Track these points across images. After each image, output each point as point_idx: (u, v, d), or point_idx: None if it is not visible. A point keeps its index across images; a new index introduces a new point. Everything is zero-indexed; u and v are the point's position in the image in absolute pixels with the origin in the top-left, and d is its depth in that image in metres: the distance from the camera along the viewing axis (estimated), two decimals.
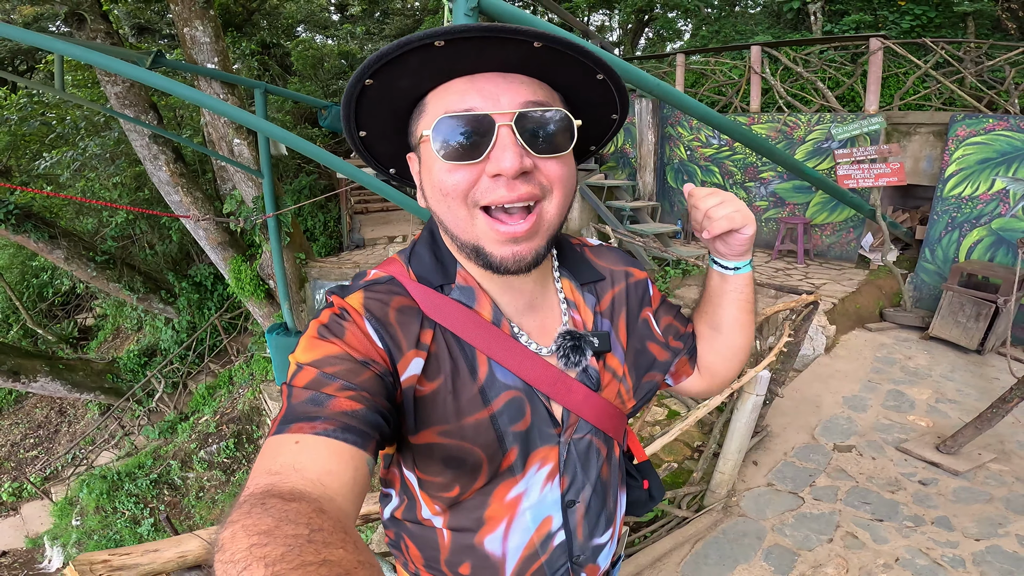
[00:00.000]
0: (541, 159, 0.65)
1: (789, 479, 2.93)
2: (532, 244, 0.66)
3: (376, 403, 0.61)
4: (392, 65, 0.62)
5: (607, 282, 0.85)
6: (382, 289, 0.71)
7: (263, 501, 0.46)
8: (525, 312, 0.76)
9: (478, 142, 0.63)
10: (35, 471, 10.16)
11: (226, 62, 7.04)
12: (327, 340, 0.64)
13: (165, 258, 10.38)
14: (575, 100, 0.72)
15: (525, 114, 0.63)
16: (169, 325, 10.29)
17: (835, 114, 6.92)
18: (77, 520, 7.82)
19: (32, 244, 8.72)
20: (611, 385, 0.80)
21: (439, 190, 0.66)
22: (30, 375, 9.03)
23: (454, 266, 0.74)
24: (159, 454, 8.32)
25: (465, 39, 0.59)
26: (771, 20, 10.44)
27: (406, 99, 0.69)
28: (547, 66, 0.65)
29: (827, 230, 6.99)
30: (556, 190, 0.67)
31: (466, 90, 0.64)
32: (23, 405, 12.23)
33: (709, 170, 7.96)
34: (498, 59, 0.63)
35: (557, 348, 0.75)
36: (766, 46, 7.99)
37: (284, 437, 0.56)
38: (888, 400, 3.83)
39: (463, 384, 0.70)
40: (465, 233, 0.67)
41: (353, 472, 0.55)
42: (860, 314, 5.38)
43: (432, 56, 0.62)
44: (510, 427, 0.71)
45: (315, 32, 20.56)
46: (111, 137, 9.08)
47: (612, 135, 0.80)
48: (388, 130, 0.73)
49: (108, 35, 7.36)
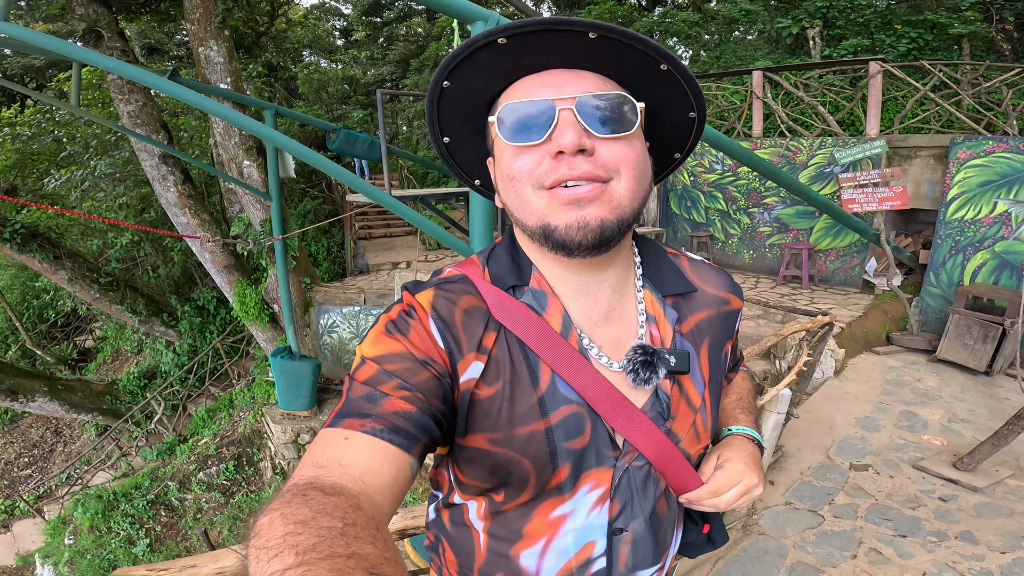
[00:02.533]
0: (603, 140, 0.65)
1: (807, 497, 2.98)
2: (597, 210, 0.64)
3: (430, 405, 0.62)
4: (464, 65, 0.66)
5: (698, 300, 0.81)
6: (453, 288, 0.72)
7: (304, 492, 0.49)
8: (599, 323, 0.74)
9: (541, 125, 0.64)
10: (28, 489, 10.15)
11: (238, 82, 7.26)
12: (392, 336, 0.66)
13: (168, 281, 10.49)
14: (648, 100, 0.70)
15: (586, 98, 0.65)
16: (170, 348, 10.34)
17: (837, 138, 7.10)
18: (70, 539, 7.81)
19: (36, 264, 8.82)
20: (684, 414, 0.75)
21: (507, 176, 0.68)
22: (28, 395, 9.09)
23: (529, 268, 0.74)
24: (157, 475, 8.33)
25: (524, 34, 0.63)
26: (770, 46, 10.77)
27: (481, 99, 0.72)
28: (610, 60, 0.67)
29: (831, 255, 7.12)
30: (624, 172, 0.65)
31: (533, 85, 0.67)
32: (18, 424, 12.23)
33: (712, 196, 8.12)
34: (560, 54, 0.66)
35: (627, 362, 0.72)
36: (767, 71, 8.22)
37: (335, 431, 0.59)
38: (901, 420, 3.91)
39: (522, 392, 0.68)
40: (532, 216, 0.67)
41: (395, 473, 0.57)
42: (867, 338, 5.48)
43: (498, 54, 0.65)
44: (565, 443, 0.68)
45: (321, 56, 21.09)
46: (120, 157, 9.28)
47: (696, 137, 0.77)
48: (468, 134, 0.76)
49: (124, 53, 7.58)
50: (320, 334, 8.34)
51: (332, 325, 8.20)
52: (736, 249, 8.04)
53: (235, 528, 7.53)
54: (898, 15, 9.49)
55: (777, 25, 10.11)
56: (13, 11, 14.67)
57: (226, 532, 7.50)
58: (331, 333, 8.26)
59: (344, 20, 22.29)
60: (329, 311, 8.17)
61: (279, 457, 8.00)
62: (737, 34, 11.66)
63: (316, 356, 8.17)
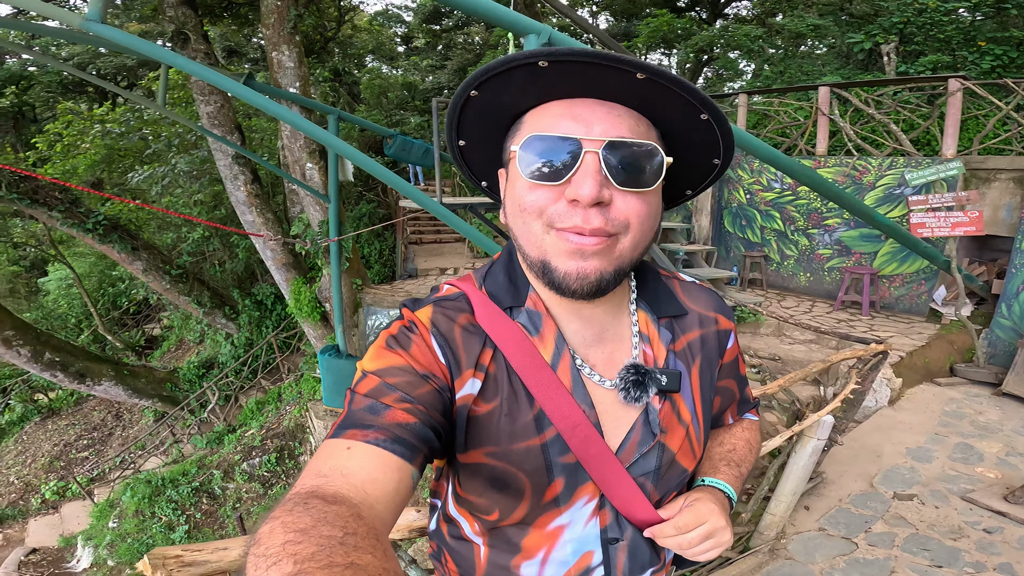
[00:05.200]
0: (622, 192, 0.66)
1: (843, 524, 3.02)
2: (598, 264, 0.67)
3: (431, 417, 0.65)
4: (497, 79, 0.66)
5: (690, 321, 0.84)
6: (451, 305, 0.75)
7: (306, 501, 0.51)
8: (593, 343, 0.77)
9: (563, 165, 0.65)
10: (83, 472, 10.87)
11: (306, 87, 7.83)
12: (393, 351, 0.69)
13: (232, 275, 11.31)
14: (674, 139, 0.72)
15: (614, 143, 0.65)
16: (229, 340, 11.11)
17: (909, 158, 6.93)
18: (114, 522, 8.26)
19: (115, 254, 9.74)
20: (675, 430, 0.78)
21: (518, 206, 0.69)
22: (96, 378, 9.89)
23: (526, 288, 0.77)
24: (204, 463, 8.83)
25: (569, 62, 0.62)
26: (840, 61, 10.57)
27: (506, 114, 0.73)
28: (648, 99, 0.67)
29: (896, 281, 6.93)
30: (632, 227, 0.67)
31: (562, 114, 0.67)
32: (82, 407, 13.15)
33: (769, 215, 8.06)
34: (599, 86, 0.66)
35: (620, 380, 0.75)
36: (835, 87, 8.11)
37: (338, 442, 0.61)
38: (955, 452, 3.86)
39: (519, 409, 0.72)
40: (536, 249, 0.69)
41: (396, 483, 0.59)
42: (929, 368, 5.34)
43: (535, 75, 0.65)
44: (559, 458, 0.72)
45: (383, 62, 22.11)
46: (199, 156, 10.14)
47: (712, 181, 0.79)
48: (485, 142, 0.77)
49: (207, 55, 8.30)
50: (367, 334, 8.78)
51: (379, 326, 8.63)
52: (792, 271, 7.94)
53: None
54: (982, 31, 9.16)
55: (848, 40, 9.93)
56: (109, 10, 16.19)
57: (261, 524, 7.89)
58: (377, 334, 8.69)
59: (406, 27, 23.30)
60: (377, 312, 8.60)
61: None
62: (804, 48, 11.49)
63: (361, 356, 8.60)
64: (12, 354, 8.92)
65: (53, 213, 8.93)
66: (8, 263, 13.79)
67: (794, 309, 7.08)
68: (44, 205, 8.82)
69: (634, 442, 0.75)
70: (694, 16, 14.30)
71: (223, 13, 11.05)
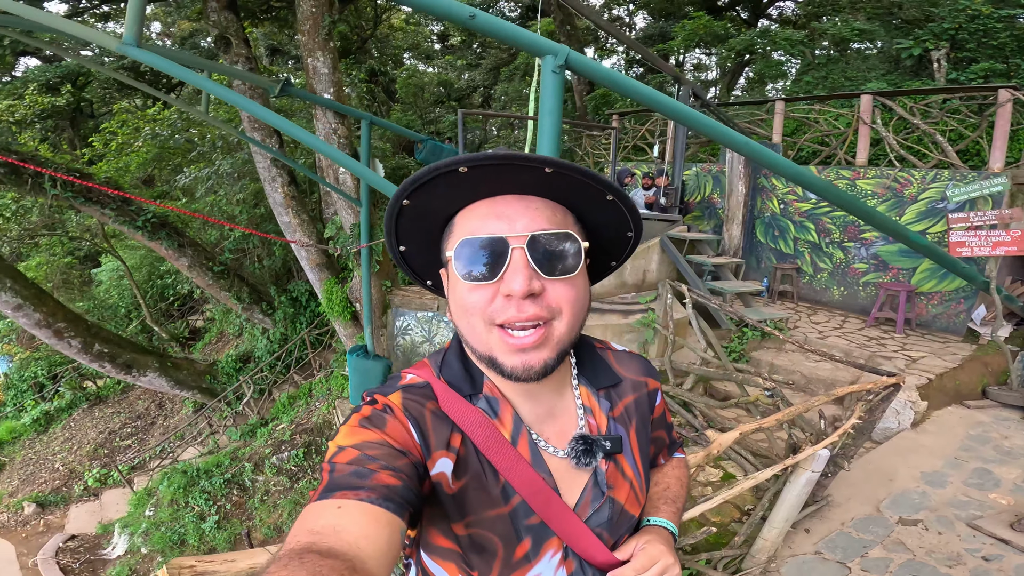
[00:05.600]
0: (551, 281, 0.75)
1: (840, 549, 3.06)
2: (540, 355, 0.75)
3: (412, 485, 0.70)
4: (425, 187, 0.74)
5: (624, 388, 0.95)
6: (418, 392, 0.81)
7: (301, 556, 0.53)
8: (545, 419, 0.87)
9: (494, 264, 0.73)
10: (125, 460, 11.35)
11: (340, 92, 8.11)
12: (368, 429, 0.73)
13: (270, 272, 11.83)
14: (590, 220, 0.83)
15: (537, 238, 0.74)
16: (265, 335, 11.61)
17: (954, 171, 6.74)
18: (150, 511, 8.59)
19: (162, 250, 10.34)
20: (621, 485, 0.89)
21: (461, 307, 0.77)
22: (141, 369, 10.42)
23: (481, 377, 0.85)
24: (237, 455, 9.16)
25: (485, 166, 0.71)
26: (888, 66, 10.27)
27: (438, 218, 0.81)
28: (561, 189, 0.76)
29: (934, 299, 6.77)
30: (565, 311, 0.76)
31: (487, 214, 0.76)
32: (128, 395, 13.81)
33: (804, 226, 7.96)
34: (516, 182, 0.75)
35: (570, 451, 0.85)
36: (879, 94, 7.94)
37: (327, 502, 0.63)
38: (972, 478, 3.82)
39: (487, 483, 0.80)
40: (482, 346, 0.77)
41: (388, 538, 0.62)
42: (959, 390, 5.24)
43: (458, 180, 0.73)
44: (524, 521, 0.81)
45: (419, 61, 22.52)
46: (241, 157, 10.65)
47: (630, 252, 0.91)
48: (424, 246, 0.86)
49: (248, 59, 8.69)
50: (395, 335, 9.08)
51: (406, 327, 8.91)
52: (825, 284, 7.83)
53: (294, 512, 8.03)
54: None
55: (897, 46, 9.65)
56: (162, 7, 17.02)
57: (286, 515, 8.07)
58: (404, 335, 8.97)
59: (441, 26, 23.62)
60: (405, 314, 8.88)
61: None
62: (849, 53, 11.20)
63: (389, 356, 8.90)
64: (63, 344, 9.48)
65: (105, 210, 9.54)
66: (63, 255, 14.70)
67: (824, 325, 7.00)
68: (97, 203, 9.44)
69: (588, 499, 0.86)
70: (734, 16, 14.07)
71: (264, 16, 11.53)
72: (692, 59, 17.92)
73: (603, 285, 7.02)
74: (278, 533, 7.58)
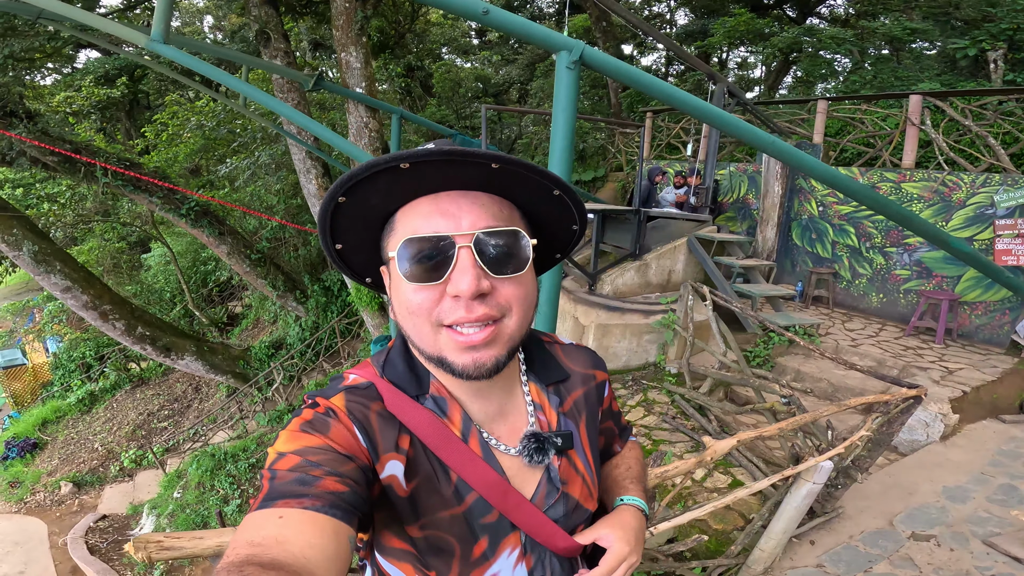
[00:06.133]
0: (499, 280, 0.73)
1: (843, 563, 2.97)
2: (491, 352, 0.73)
3: (359, 490, 0.67)
4: (363, 184, 0.70)
5: (572, 382, 0.95)
6: (362, 394, 0.79)
7: (241, 569, 0.51)
8: (496, 418, 0.86)
9: (439, 263, 0.71)
10: (160, 442, 11.73)
11: (372, 86, 8.29)
12: (310, 434, 0.70)
13: (304, 261, 12.21)
14: (536, 214, 0.82)
15: (484, 236, 0.71)
16: (297, 323, 12.01)
17: (1005, 175, 6.41)
18: (179, 493, 8.80)
19: (204, 238, 10.82)
20: (574, 480, 0.89)
21: (406, 308, 0.74)
22: (180, 353, 10.93)
23: (427, 377, 0.83)
24: (263, 440, 9.45)
25: (428, 161, 0.68)
26: (942, 66, 9.80)
27: (377, 216, 0.77)
28: (506, 184, 0.74)
29: (978, 309, 6.45)
30: (515, 309, 0.75)
31: (430, 212, 0.73)
32: (167, 378, 14.37)
33: (843, 230, 7.70)
34: (460, 178, 0.72)
35: (522, 449, 0.84)
36: (929, 95, 7.61)
37: (267, 512, 0.60)
38: (996, 494, 3.66)
39: (440, 484, 0.79)
40: (430, 347, 0.75)
41: (336, 547, 0.59)
42: (996, 404, 5.00)
43: (398, 177, 0.70)
44: (479, 520, 0.80)
45: (457, 56, 22.72)
46: (279, 149, 11.04)
47: (574, 245, 0.90)
48: (362, 244, 0.81)
49: (286, 54, 9.00)
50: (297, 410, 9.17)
51: None
52: (863, 291, 7.56)
53: None
54: None
55: (951, 46, 9.20)
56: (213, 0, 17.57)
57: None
58: None
59: None
60: None
61: None
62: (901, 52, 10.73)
63: None
64: (108, 327, 10.02)
65: (153, 199, 10.06)
66: (115, 239, 15.49)
67: (859, 332, 6.77)
68: (145, 191, 9.95)
69: (542, 496, 0.86)
70: (780, 14, 13.66)
71: (303, 11, 11.87)
72: (736, 57, 17.50)
73: (626, 284, 6.97)
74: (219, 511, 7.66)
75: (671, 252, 7.18)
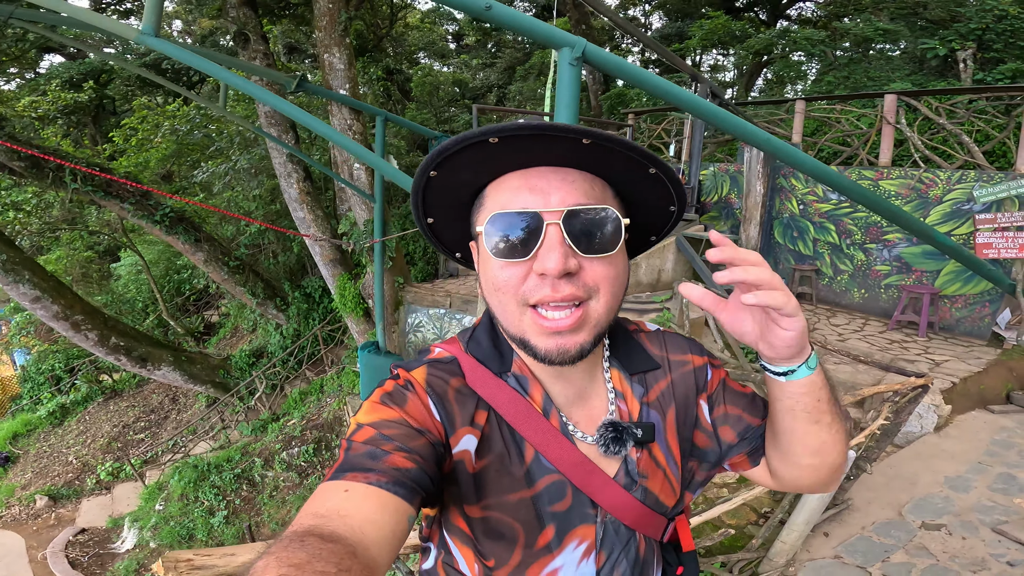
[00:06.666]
0: (588, 259, 0.71)
1: (860, 553, 2.99)
2: (576, 338, 0.71)
3: (426, 467, 0.67)
4: (453, 158, 0.70)
5: (661, 371, 0.89)
6: (444, 368, 0.79)
7: (303, 538, 0.52)
8: (575, 402, 0.83)
9: (527, 240, 0.69)
10: (138, 454, 11.35)
11: (355, 88, 8.15)
12: (388, 406, 0.72)
13: (284, 268, 11.94)
14: (629, 193, 0.78)
15: (574, 213, 0.69)
16: (278, 330, 11.71)
17: (980, 172, 6.61)
18: (160, 505, 8.58)
19: (180, 245, 10.49)
20: (654, 474, 0.83)
21: (492, 284, 0.74)
22: (156, 363, 10.53)
23: (511, 355, 0.82)
24: (247, 450, 9.17)
25: (517, 136, 0.67)
26: (912, 66, 10.11)
27: (467, 190, 0.78)
28: (599, 161, 0.71)
29: (959, 302, 6.63)
30: (603, 290, 0.72)
31: (519, 186, 0.72)
32: (143, 389, 13.91)
33: (824, 227, 7.84)
34: (551, 154, 0.70)
35: (599, 437, 0.80)
36: (904, 94, 7.82)
37: (336, 483, 0.62)
38: (996, 483, 3.75)
39: (511, 464, 0.77)
40: (514, 326, 0.74)
41: (394, 525, 0.60)
42: (984, 395, 5.13)
43: (488, 151, 0.69)
44: (549, 507, 0.77)
45: (434, 60, 22.63)
46: (257, 153, 10.78)
47: (671, 227, 0.85)
48: (453, 219, 0.82)
49: (265, 55, 8.78)
50: (406, 332, 9.10)
51: (418, 325, 8.93)
52: (845, 287, 7.70)
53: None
54: None
55: (921, 46, 9.49)
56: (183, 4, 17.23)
57: (294, 511, 7.97)
58: (416, 332, 8.99)
59: (456, 24, 23.73)
60: (417, 311, 8.90)
61: None
62: (872, 52, 11.04)
63: (400, 353, 8.91)
64: (80, 337, 9.62)
65: (125, 205, 9.70)
66: (83, 248, 14.95)
67: (844, 327, 6.88)
68: (116, 197, 9.60)
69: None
70: (752, 17, 13.95)
71: (282, 13, 11.66)
72: (709, 60, 17.79)
73: None
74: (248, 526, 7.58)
75: (660, 251, 7.22)
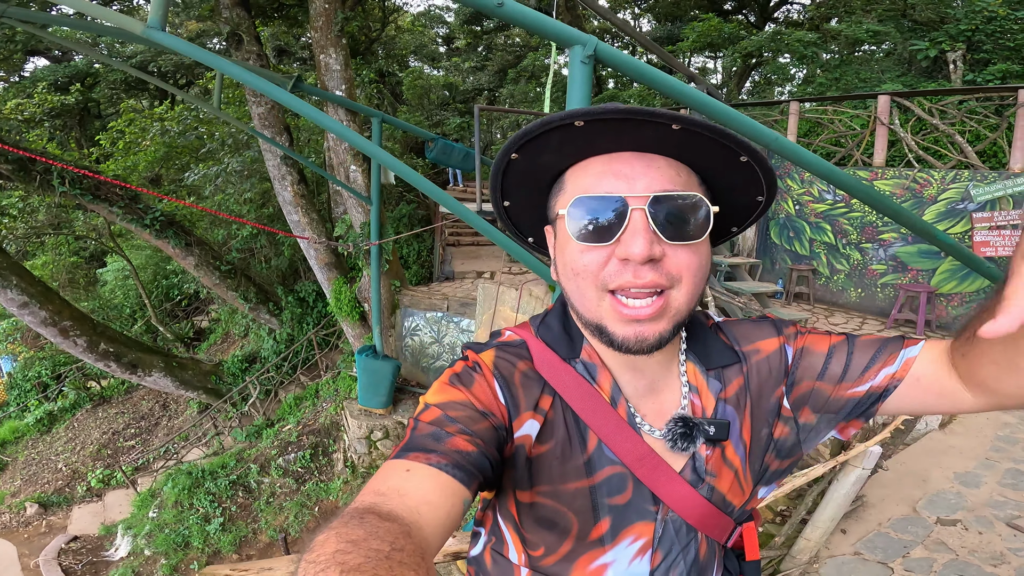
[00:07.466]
0: (672, 246, 0.68)
1: (880, 549, 2.98)
2: (656, 327, 0.69)
3: (487, 451, 0.67)
4: (535, 141, 0.70)
5: (739, 365, 0.84)
6: (512, 351, 0.79)
7: (362, 515, 0.53)
8: (645, 393, 0.80)
9: (611, 225, 0.68)
10: (129, 461, 11.25)
11: (351, 89, 8.06)
12: (456, 387, 0.73)
13: (277, 272, 11.77)
14: (716, 181, 0.75)
15: (660, 199, 0.67)
16: (271, 335, 11.54)
17: (974, 171, 6.68)
18: (154, 512, 8.50)
19: (169, 249, 10.29)
20: (724, 473, 0.80)
21: (571, 268, 0.72)
22: (147, 369, 10.33)
23: (581, 341, 0.80)
24: (242, 456, 9.09)
25: (604, 120, 0.65)
26: (901, 68, 10.24)
27: (547, 174, 0.77)
28: (686, 147, 0.69)
29: (955, 300, 6.69)
30: (685, 279, 0.69)
31: (603, 171, 0.70)
32: (132, 395, 13.71)
33: (820, 227, 7.89)
34: (636, 139, 0.68)
35: (667, 432, 0.77)
36: (896, 95, 7.89)
37: (399, 463, 0.63)
38: (1006, 478, 3.78)
39: (571, 453, 0.76)
40: (590, 312, 0.72)
41: (449, 507, 0.61)
42: None
43: (572, 135, 0.68)
44: (607, 499, 0.76)
45: (425, 63, 22.60)
46: (249, 155, 10.63)
47: (757, 217, 0.82)
48: (530, 202, 0.81)
49: (259, 56, 8.65)
50: (403, 335, 9.01)
51: (415, 328, 8.85)
52: (841, 286, 7.75)
53: (301, 515, 8.06)
54: None
55: (911, 47, 9.61)
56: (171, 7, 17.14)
57: (292, 518, 8.01)
58: (413, 335, 8.90)
59: (447, 28, 23.73)
60: (413, 314, 8.82)
61: (352, 451, 8.55)
62: (860, 54, 11.17)
63: (397, 357, 8.82)
64: (68, 344, 9.42)
65: (114, 209, 9.50)
66: (69, 254, 14.67)
67: (842, 327, 6.91)
68: (105, 201, 9.40)
69: None
70: (742, 20, 14.06)
71: (274, 14, 11.54)
72: (697, 63, 17.90)
73: None
74: (284, 535, 7.47)
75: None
